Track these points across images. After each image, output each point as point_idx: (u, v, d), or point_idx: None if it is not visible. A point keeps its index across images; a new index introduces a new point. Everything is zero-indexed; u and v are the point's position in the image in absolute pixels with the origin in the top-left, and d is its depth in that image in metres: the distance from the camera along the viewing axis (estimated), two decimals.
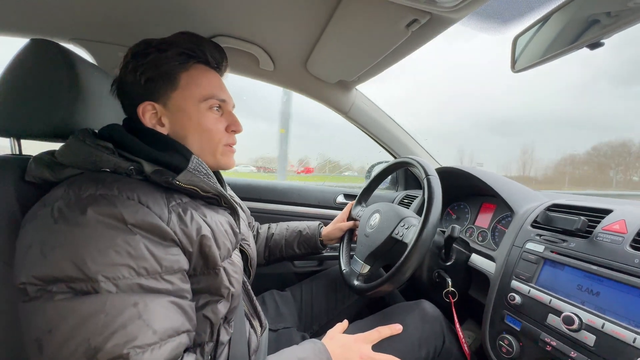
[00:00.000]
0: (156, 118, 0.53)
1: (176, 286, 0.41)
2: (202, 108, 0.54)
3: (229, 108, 0.60)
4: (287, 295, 0.91)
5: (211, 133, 0.56)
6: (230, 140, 0.59)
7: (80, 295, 0.35)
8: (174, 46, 0.53)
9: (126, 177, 0.44)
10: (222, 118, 0.58)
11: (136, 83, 0.51)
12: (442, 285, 0.76)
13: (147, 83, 0.51)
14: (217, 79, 0.59)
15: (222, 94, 0.57)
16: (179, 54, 0.53)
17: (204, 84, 0.55)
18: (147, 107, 0.52)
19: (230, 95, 0.60)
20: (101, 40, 0.87)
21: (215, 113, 0.56)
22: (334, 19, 0.70)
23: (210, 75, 0.57)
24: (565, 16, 0.56)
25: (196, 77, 0.55)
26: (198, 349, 0.48)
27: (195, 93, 0.54)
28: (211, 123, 0.56)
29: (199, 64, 0.56)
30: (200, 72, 0.56)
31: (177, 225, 0.44)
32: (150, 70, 0.51)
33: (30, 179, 0.46)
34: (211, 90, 0.55)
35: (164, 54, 0.52)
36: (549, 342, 0.54)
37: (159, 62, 0.52)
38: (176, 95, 0.53)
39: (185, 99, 0.53)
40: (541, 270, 0.61)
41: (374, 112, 1.24)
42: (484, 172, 0.91)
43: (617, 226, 0.55)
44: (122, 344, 0.34)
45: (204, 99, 0.54)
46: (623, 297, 0.48)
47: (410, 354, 0.63)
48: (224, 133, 0.58)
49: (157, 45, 0.52)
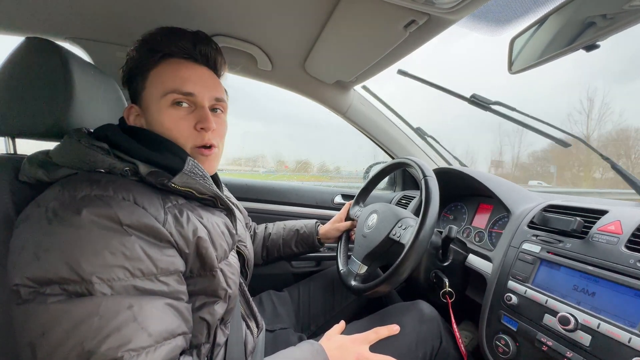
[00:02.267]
0: (140, 120, 0.53)
1: (172, 288, 0.41)
2: (162, 105, 0.50)
3: (201, 102, 0.52)
4: (284, 295, 0.91)
5: (171, 133, 0.51)
6: (197, 140, 0.52)
7: (74, 297, 0.34)
8: (145, 43, 0.52)
9: (121, 177, 0.44)
10: (189, 115, 0.52)
11: (125, 85, 0.53)
12: (439, 285, 0.76)
13: (130, 84, 0.53)
14: (189, 71, 0.52)
15: (186, 86, 0.50)
16: (149, 49, 0.52)
17: (167, 79, 0.50)
18: (131, 110, 0.53)
19: (205, 87, 0.53)
20: (98, 39, 0.86)
21: (178, 109, 0.51)
22: (332, 20, 0.70)
23: (181, 69, 0.52)
24: (561, 18, 0.57)
25: (162, 72, 0.51)
26: (194, 351, 0.48)
27: (158, 89, 0.50)
28: (170, 121, 0.50)
29: (171, 58, 0.52)
30: (169, 67, 0.51)
31: (174, 226, 0.44)
32: (130, 71, 0.53)
33: (23, 179, 0.45)
34: (173, 84, 0.50)
35: (139, 52, 0.52)
36: (545, 342, 0.54)
37: (134, 62, 0.52)
38: (145, 94, 0.52)
39: (150, 96, 0.51)
40: (537, 270, 0.62)
41: (372, 112, 1.24)
42: (481, 173, 0.92)
43: (612, 227, 0.56)
44: (116, 347, 0.33)
45: (163, 94, 0.50)
46: (618, 298, 0.49)
47: (407, 355, 0.63)
48: (191, 132, 0.52)
49: (136, 45, 0.53)
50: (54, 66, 0.51)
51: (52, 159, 0.45)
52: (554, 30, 0.58)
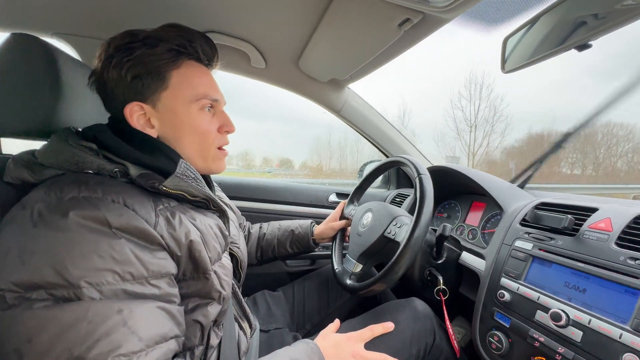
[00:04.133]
0: (145, 119, 0.50)
1: (163, 291, 0.40)
2: (193, 109, 0.52)
3: (220, 107, 0.57)
4: (278, 295, 0.90)
5: (204, 135, 0.53)
6: (222, 141, 0.57)
7: (61, 302, 0.33)
8: (164, 41, 0.49)
9: (111, 179, 0.43)
10: (214, 119, 0.55)
11: (121, 80, 0.48)
12: (433, 283, 0.77)
13: (134, 81, 0.48)
14: (209, 76, 0.55)
15: (214, 93, 0.54)
16: (169, 50, 0.49)
17: (196, 83, 0.52)
18: (134, 108, 0.49)
19: (222, 94, 0.57)
20: (85, 35, 0.84)
21: (207, 114, 0.54)
22: (326, 17, 0.70)
23: (202, 73, 0.54)
24: (554, 18, 0.57)
25: (188, 75, 0.51)
26: (188, 353, 0.47)
27: (187, 93, 0.51)
28: (204, 124, 0.53)
29: (190, 60, 0.52)
30: (192, 70, 0.52)
31: (165, 229, 0.43)
32: (137, 67, 0.47)
33: (8, 180, 0.44)
34: (204, 90, 0.52)
35: (153, 49, 0.48)
36: (537, 338, 0.55)
37: (147, 59, 0.48)
38: (166, 95, 0.50)
39: (176, 99, 0.50)
40: (530, 267, 0.63)
41: (366, 111, 1.24)
42: (474, 171, 0.92)
43: (602, 224, 0.57)
44: (106, 352, 0.33)
45: (196, 99, 0.51)
46: (609, 294, 0.49)
47: (401, 352, 0.63)
48: (217, 134, 0.55)
49: (144, 40, 0.48)
50: (40, 63, 0.49)
51: (37, 159, 0.44)
52: (547, 29, 0.59)
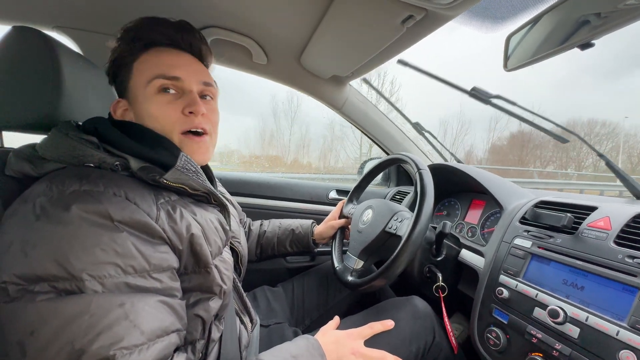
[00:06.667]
0: (128, 114, 0.52)
1: (165, 284, 0.41)
2: (149, 92, 0.49)
3: (189, 87, 0.51)
4: (278, 290, 0.91)
5: (158, 120, 0.49)
6: (186, 125, 0.51)
7: (63, 295, 0.34)
8: (127, 33, 0.51)
9: (112, 172, 0.43)
10: (177, 101, 0.50)
11: (111, 80, 0.53)
12: (432, 280, 0.77)
13: (114, 78, 0.53)
14: (174, 57, 0.52)
15: (172, 70, 0.50)
16: (130, 40, 0.51)
17: (150, 65, 0.50)
18: (118, 105, 0.53)
19: (192, 72, 0.52)
20: (87, 29, 0.83)
21: (165, 95, 0.50)
22: (329, 13, 0.69)
23: (165, 55, 0.51)
24: (557, 16, 0.57)
25: (146, 60, 0.51)
26: (189, 347, 0.48)
27: (144, 76, 0.50)
28: (157, 107, 0.49)
29: (154, 46, 0.52)
30: (153, 54, 0.51)
31: (166, 222, 0.43)
32: (113, 64, 0.52)
33: (9, 174, 0.44)
34: (157, 70, 0.49)
35: (120, 44, 0.51)
36: (535, 334, 0.55)
37: (116, 54, 0.52)
38: (131, 85, 0.51)
39: (136, 85, 0.51)
40: (528, 265, 0.63)
41: (368, 108, 1.24)
42: (474, 169, 0.93)
43: (601, 223, 0.57)
44: (108, 345, 0.33)
45: (148, 81, 0.49)
46: (607, 292, 0.50)
47: (401, 349, 0.64)
48: (179, 117, 0.50)
49: (119, 39, 0.52)
50: (41, 56, 0.49)
51: (38, 152, 0.44)
52: (550, 28, 0.59)
